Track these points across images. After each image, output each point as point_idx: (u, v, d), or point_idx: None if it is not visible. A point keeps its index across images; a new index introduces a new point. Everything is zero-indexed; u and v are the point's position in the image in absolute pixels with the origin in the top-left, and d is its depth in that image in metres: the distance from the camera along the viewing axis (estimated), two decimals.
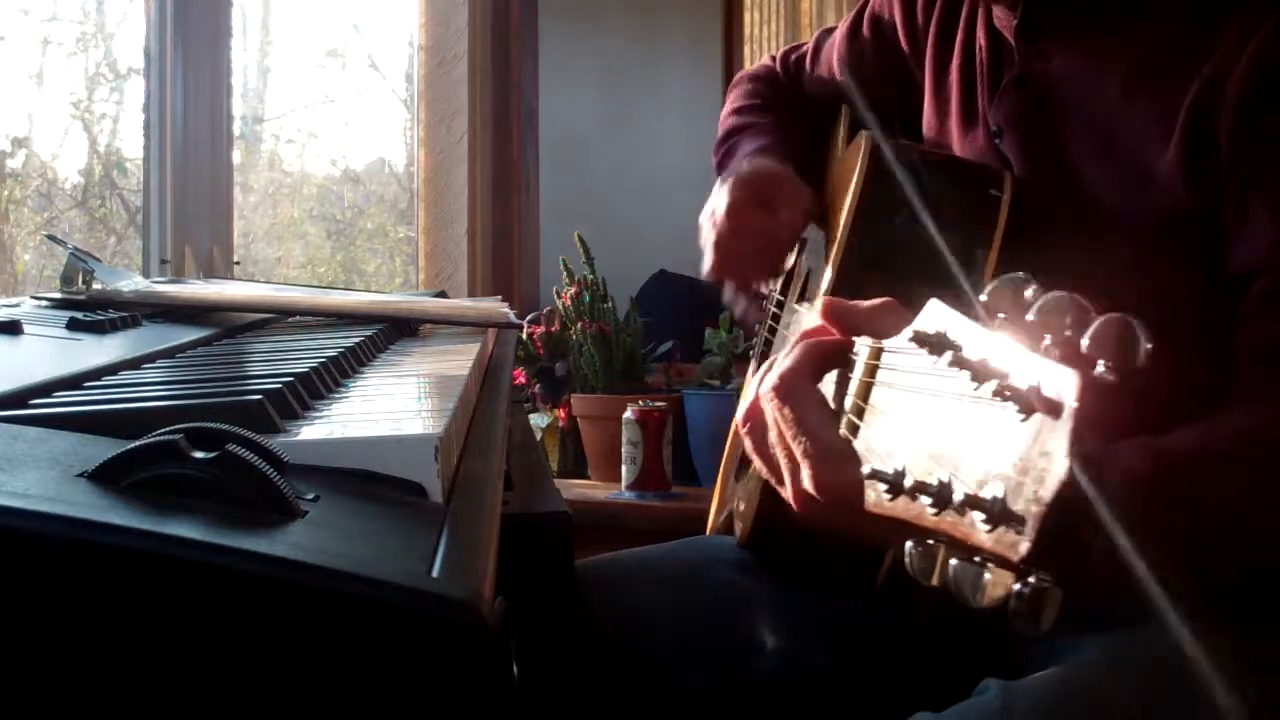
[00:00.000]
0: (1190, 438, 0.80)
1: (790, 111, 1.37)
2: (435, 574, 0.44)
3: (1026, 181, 1.02)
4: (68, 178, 2.64)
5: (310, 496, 0.50)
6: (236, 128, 2.72)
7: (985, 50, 1.08)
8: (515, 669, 0.42)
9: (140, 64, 2.55)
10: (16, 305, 1.21)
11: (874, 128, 1.08)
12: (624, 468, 2.33)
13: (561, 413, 2.57)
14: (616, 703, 1.07)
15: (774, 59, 1.44)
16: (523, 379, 2.61)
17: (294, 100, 3.11)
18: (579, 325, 2.52)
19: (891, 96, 1.19)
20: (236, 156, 2.73)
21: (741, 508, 1.15)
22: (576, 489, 2.42)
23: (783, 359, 0.72)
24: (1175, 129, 0.92)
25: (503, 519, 0.66)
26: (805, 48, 1.40)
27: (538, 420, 2.56)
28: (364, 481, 0.56)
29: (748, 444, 0.77)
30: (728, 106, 1.42)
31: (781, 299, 1.29)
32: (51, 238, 1.75)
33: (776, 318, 1.29)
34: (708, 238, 1.22)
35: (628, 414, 2.32)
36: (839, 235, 1.04)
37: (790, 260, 1.33)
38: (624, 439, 2.32)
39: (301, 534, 0.45)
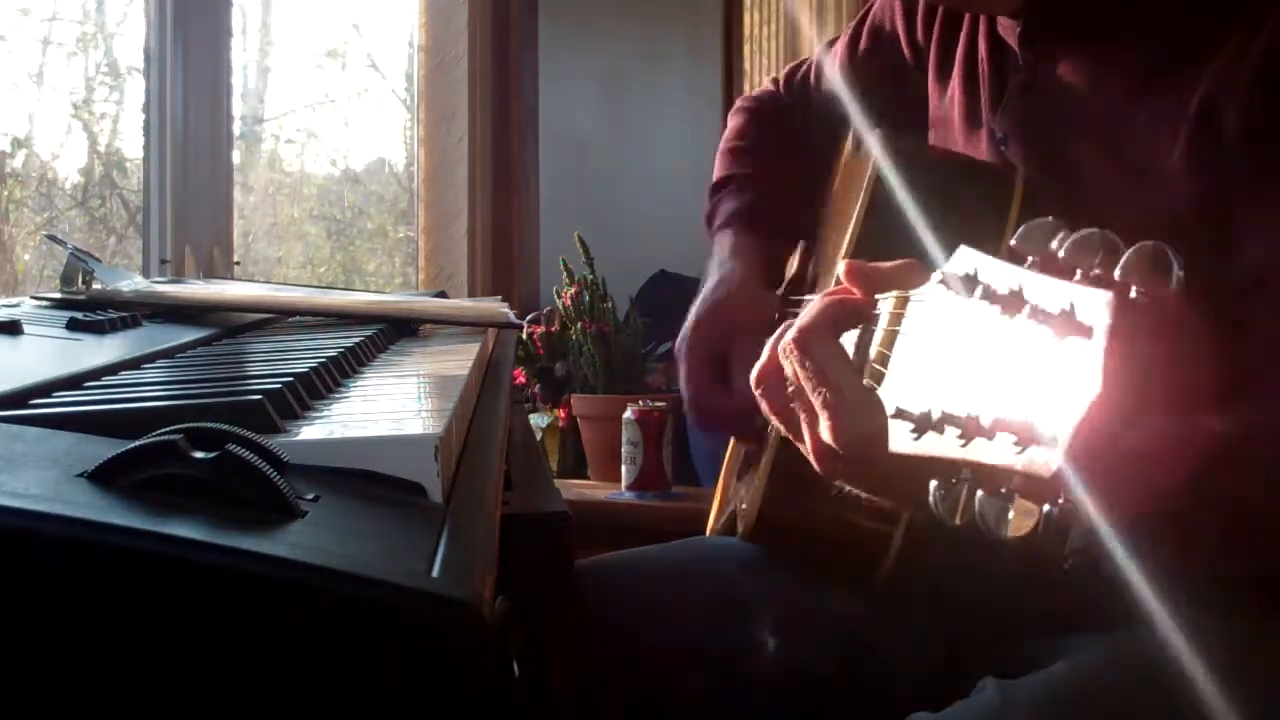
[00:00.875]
0: (1225, 427, 0.80)
1: (778, 153, 1.36)
2: (435, 574, 0.44)
3: (1032, 186, 1.02)
4: (68, 178, 2.64)
5: (310, 496, 0.50)
6: (236, 128, 2.72)
7: (987, 58, 1.08)
8: (515, 669, 0.42)
9: (140, 64, 2.55)
10: (16, 305, 1.21)
11: (884, 129, 1.08)
12: (624, 468, 2.33)
13: (561, 413, 2.57)
14: (616, 703, 1.06)
15: (776, 81, 1.43)
16: (523, 379, 2.61)
17: (294, 100, 3.12)
18: (579, 325, 2.52)
19: (895, 105, 1.19)
20: (236, 156, 2.73)
21: (744, 506, 1.15)
22: (576, 489, 2.42)
23: (802, 316, 0.71)
24: (1182, 131, 0.91)
25: (503, 519, 0.66)
26: (808, 63, 1.39)
27: (538, 420, 2.56)
28: (364, 481, 0.56)
29: (763, 404, 0.76)
30: (723, 141, 1.41)
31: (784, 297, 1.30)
32: (51, 238, 1.75)
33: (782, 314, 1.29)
34: (683, 393, 1.25)
35: (628, 414, 2.32)
36: (850, 231, 1.04)
37: (792, 266, 1.33)
38: (624, 439, 2.32)
39: (301, 534, 0.45)
